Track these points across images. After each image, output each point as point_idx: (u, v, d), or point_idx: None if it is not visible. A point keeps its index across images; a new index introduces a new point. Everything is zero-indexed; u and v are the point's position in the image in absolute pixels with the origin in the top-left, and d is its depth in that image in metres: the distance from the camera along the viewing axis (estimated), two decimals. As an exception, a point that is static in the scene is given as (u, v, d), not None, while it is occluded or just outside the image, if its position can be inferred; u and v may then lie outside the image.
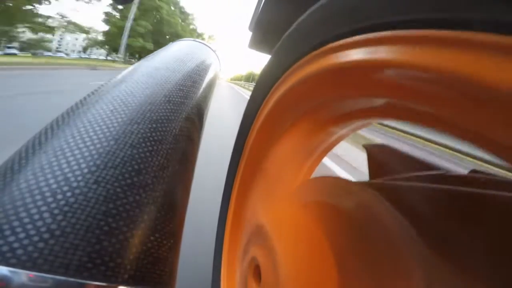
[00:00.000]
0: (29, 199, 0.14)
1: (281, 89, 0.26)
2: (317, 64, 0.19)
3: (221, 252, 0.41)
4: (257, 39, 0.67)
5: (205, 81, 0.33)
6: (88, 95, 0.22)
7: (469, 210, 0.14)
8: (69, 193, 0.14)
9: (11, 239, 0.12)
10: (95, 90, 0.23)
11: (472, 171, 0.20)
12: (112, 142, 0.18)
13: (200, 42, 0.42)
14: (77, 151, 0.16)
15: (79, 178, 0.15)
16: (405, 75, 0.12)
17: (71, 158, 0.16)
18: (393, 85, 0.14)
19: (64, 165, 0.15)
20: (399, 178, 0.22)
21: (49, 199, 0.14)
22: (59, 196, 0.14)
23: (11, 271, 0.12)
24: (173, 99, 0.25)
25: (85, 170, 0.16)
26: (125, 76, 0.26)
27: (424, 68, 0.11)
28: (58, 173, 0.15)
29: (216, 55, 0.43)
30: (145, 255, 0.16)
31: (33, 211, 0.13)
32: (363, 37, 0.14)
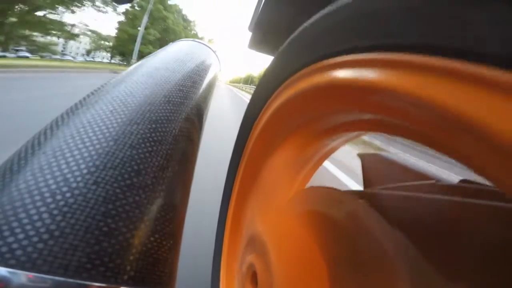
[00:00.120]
0: (28, 200, 0.13)
1: (277, 103, 0.26)
2: (313, 79, 0.20)
3: (221, 253, 0.41)
4: (257, 39, 0.67)
5: (205, 82, 0.33)
6: (87, 96, 0.22)
7: (459, 219, 0.14)
8: (68, 194, 0.14)
9: (10, 240, 0.12)
10: (94, 90, 0.23)
11: (462, 181, 0.20)
12: (111, 142, 0.18)
13: (200, 42, 0.42)
14: (76, 152, 0.16)
15: (78, 179, 0.15)
16: (396, 98, 0.13)
17: (71, 158, 0.16)
18: (384, 105, 0.14)
19: (63, 166, 0.15)
20: (392, 187, 0.23)
21: (48, 200, 0.14)
22: (58, 196, 0.14)
23: (10, 272, 0.11)
24: (173, 99, 0.25)
25: (85, 170, 0.15)
26: (125, 76, 0.26)
27: (406, 93, 0.11)
28: (57, 173, 0.15)
29: (216, 55, 0.43)
30: (144, 256, 0.16)
31: (32, 212, 0.13)
32: (359, 57, 0.15)
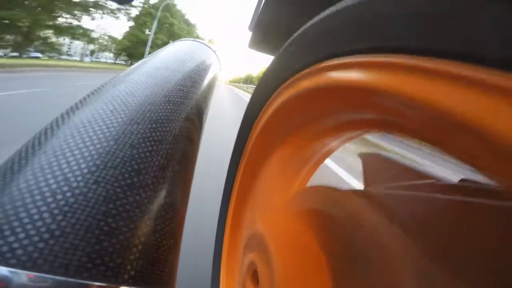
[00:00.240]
0: (29, 199, 0.14)
1: (277, 102, 0.27)
2: (314, 79, 0.20)
3: (221, 253, 0.41)
4: (257, 39, 0.67)
5: (205, 81, 0.33)
6: (88, 95, 0.22)
7: (460, 218, 0.14)
8: (69, 193, 0.14)
9: (11, 239, 0.12)
10: (95, 90, 0.23)
11: (462, 180, 0.20)
12: (112, 142, 0.18)
13: (200, 42, 0.42)
14: (77, 151, 0.16)
15: (79, 178, 0.15)
16: (399, 101, 0.13)
17: (71, 158, 0.16)
18: (384, 106, 0.14)
19: (64, 165, 0.15)
20: (392, 186, 0.23)
21: (49, 199, 0.14)
22: (59, 196, 0.14)
23: (11, 271, 0.12)
24: (173, 99, 0.25)
25: (85, 170, 0.15)
26: (125, 76, 0.26)
27: (406, 94, 0.12)
28: (58, 173, 0.15)
29: (216, 55, 0.43)
30: (145, 255, 0.16)
31: (33, 211, 0.13)
32: (362, 59, 0.15)
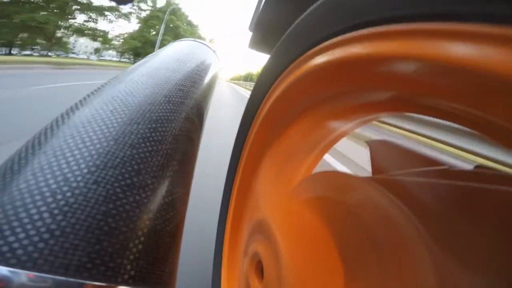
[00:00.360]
0: (28, 200, 0.14)
1: (282, 85, 0.26)
2: (317, 59, 0.19)
3: (222, 250, 0.41)
4: (257, 39, 0.67)
5: (205, 81, 0.33)
6: (88, 95, 0.22)
7: (473, 205, 0.14)
8: (68, 193, 0.14)
9: (11, 239, 0.12)
10: (95, 90, 0.23)
11: (477, 166, 0.19)
12: (111, 142, 0.18)
13: (200, 42, 0.42)
14: (76, 151, 0.16)
15: (79, 178, 0.15)
16: (411, 68, 0.12)
17: (71, 158, 0.16)
18: (399, 78, 0.14)
19: (63, 166, 0.15)
20: (401, 173, 0.22)
21: (49, 199, 0.14)
22: (59, 196, 0.14)
23: (11, 271, 0.12)
24: (173, 99, 0.25)
25: (85, 170, 0.15)
26: (125, 76, 0.26)
27: (429, 60, 0.11)
28: (57, 173, 0.15)
29: (216, 55, 0.43)
30: (145, 255, 0.16)
31: (33, 211, 0.13)
32: (367, 32, 0.14)
